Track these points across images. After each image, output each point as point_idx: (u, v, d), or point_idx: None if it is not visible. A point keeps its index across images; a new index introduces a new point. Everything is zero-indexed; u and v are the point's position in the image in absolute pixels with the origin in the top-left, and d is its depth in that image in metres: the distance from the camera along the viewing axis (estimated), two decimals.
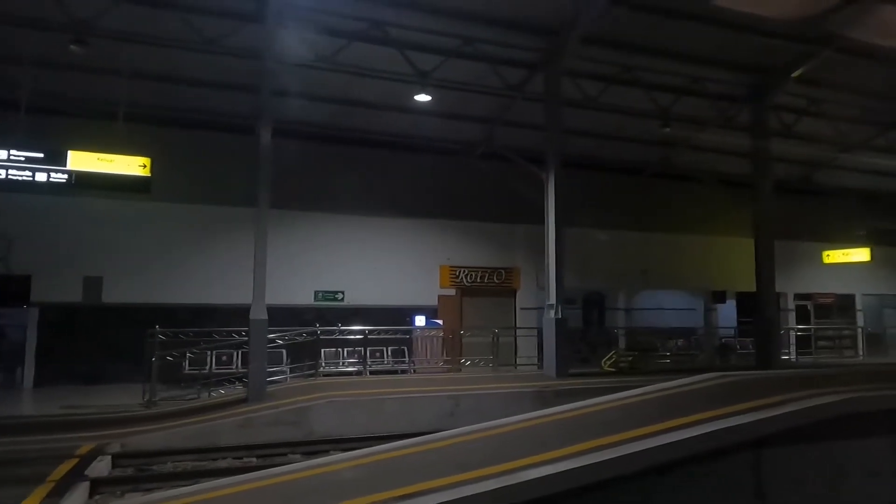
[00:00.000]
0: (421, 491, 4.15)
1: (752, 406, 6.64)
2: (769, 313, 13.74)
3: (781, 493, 6.69)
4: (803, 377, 9.59)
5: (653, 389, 8.01)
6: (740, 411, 6.46)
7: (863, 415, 6.84)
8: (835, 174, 19.34)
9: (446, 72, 11.74)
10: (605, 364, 12.88)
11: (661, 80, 13.33)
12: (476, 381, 10.92)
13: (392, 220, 15.40)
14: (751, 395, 7.11)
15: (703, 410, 6.68)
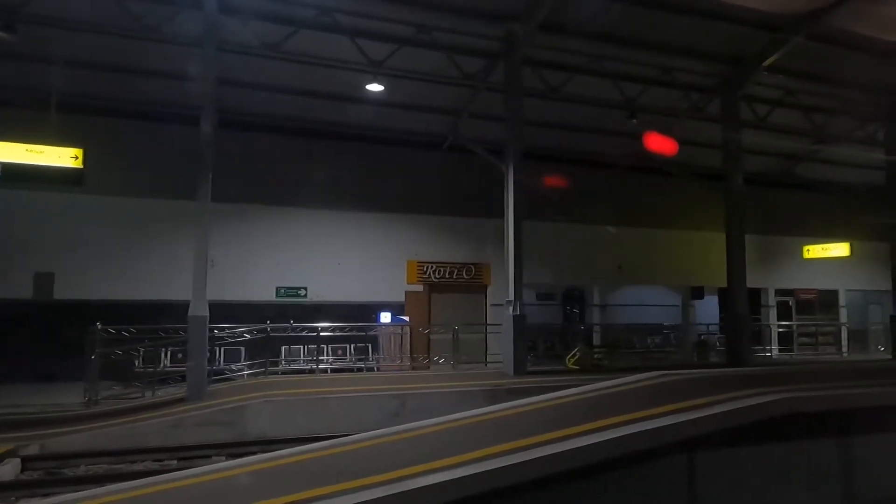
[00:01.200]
0: (303, 500, 3.92)
1: (688, 406, 6.32)
2: (740, 309, 13.40)
3: (717, 497, 6.36)
4: (748, 376, 9.25)
5: (590, 389, 7.70)
6: (674, 411, 6.14)
7: (801, 415, 6.52)
8: (817, 167, 18.97)
9: (401, 61, 11.39)
10: (570, 362, 12.55)
11: (628, 69, 12.95)
12: (429, 380, 10.61)
13: (358, 215, 15.07)
14: (689, 395, 6.79)
15: (636, 410, 6.36)
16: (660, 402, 6.57)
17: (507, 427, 6.18)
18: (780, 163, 18.95)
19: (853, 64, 13.97)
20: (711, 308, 21.26)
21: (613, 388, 7.62)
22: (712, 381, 8.10)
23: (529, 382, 10.28)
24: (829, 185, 19.43)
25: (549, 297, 20.31)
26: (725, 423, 5.95)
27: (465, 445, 5.08)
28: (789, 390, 7.08)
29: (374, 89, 11.61)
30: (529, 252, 16.90)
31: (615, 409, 6.51)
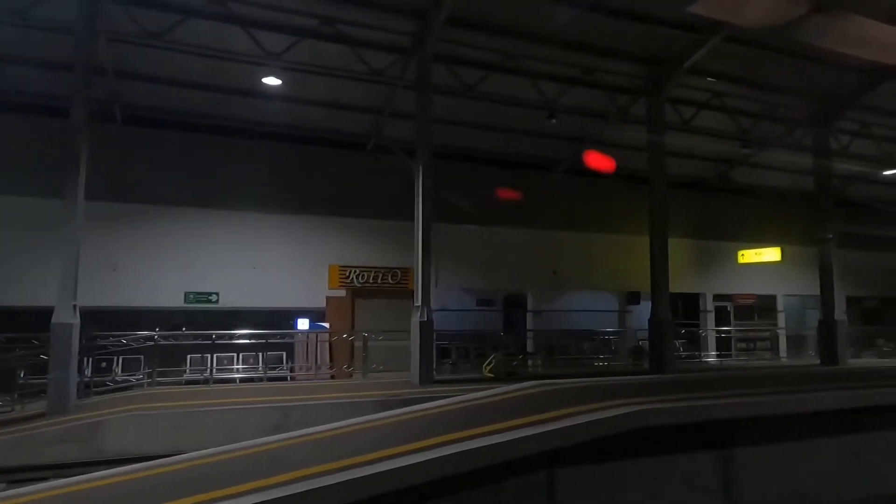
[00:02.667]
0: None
1: (548, 417, 5.88)
2: (662, 315, 13.12)
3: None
4: (643, 384, 8.92)
5: (466, 399, 7.25)
6: (532, 423, 5.69)
7: (672, 428, 6.14)
8: (752, 172, 18.93)
9: (305, 55, 10.85)
10: (486, 370, 12.10)
11: (548, 69, 12.61)
12: (322, 391, 10.05)
13: (276, 217, 14.43)
14: (558, 406, 6.35)
15: (502, 421, 5.91)
16: (525, 414, 6.13)
17: (345, 442, 5.67)
18: (717, 167, 18.89)
19: (780, 67, 13.91)
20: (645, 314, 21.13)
21: (488, 399, 7.17)
22: (594, 391, 7.71)
23: (429, 392, 9.78)
24: (765, 190, 19.45)
25: (489, 302, 19.90)
26: (585, 436, 5.52)
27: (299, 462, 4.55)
28: (662, 401, 6.71)
29: (271, 83, 11.04)
30: (462, 257, 16.61)
31: (483, 421, 6.06)
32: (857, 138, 16.71)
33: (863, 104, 15.51)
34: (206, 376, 11.67)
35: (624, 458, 6.03)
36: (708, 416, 6.43)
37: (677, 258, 19.50)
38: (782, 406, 6.73)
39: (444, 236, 16.21)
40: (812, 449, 7.24)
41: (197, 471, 4.72)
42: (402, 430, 6.09)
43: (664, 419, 5.79)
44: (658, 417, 5.69)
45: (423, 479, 4.67)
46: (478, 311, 19.19)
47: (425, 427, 6.20)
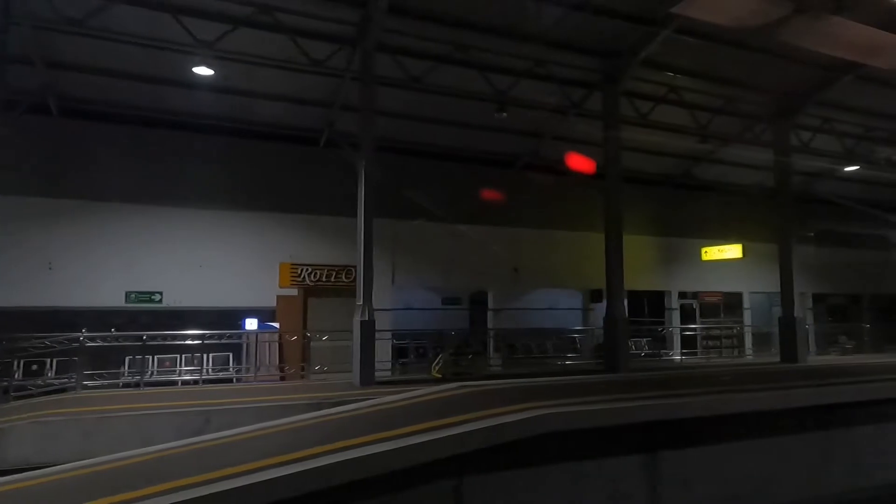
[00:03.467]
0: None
1: (459, 420, 5.56)
2: (616, 313, 12.87)
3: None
4: (577, 385, 8.67)
5: (375, 403, 6.92)
6: (438, 427, 5.37)
7: (575, 433, 5.83)
8: (715, 168, 18.78)
9: (240, 44, 10.43)
10: (434, 370, 11.77)
11: (498, 61, 12.29)
12: (252, 393, 9.66)
13: (224, 213, 13.98)
14: (468, 409, 6.03)
15: (405, 426, 5.58)
16: (435, 418, 5.80)
17: (232, 450, 5.32)
18: (682, 164, 18.73)
19: (739, 62, 13.70)
20: None
21: (405, 402, 6.85)
22: (524, 392, 7.42)
23: (366, 394, 9.40)
24: (731, 186, 19.34)
25: (454, 300, 19.58)
26: (472, 444, 5.16)
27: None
28: (588, 402, 6.42)
29: (203, 73, 10.59)
30: (420, 254, 16.26)
31: (389, 426, 5.73)
32: (819, 134, 16.61)
33: (824, 100, 15.39)
34: (138, 380, 11.20)
35: (540, 464, 5.74)
36: (630, 418, 6.15)
37: (642, 256, 19.37)
38: (708, 407, 6.46)
39: (402, 233, 15.93)
40: (743, 450, 7.00)
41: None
42: (303, 436, 5.75)
43: (577, 422, 5.49)
44: (567, 421, 5.38)
45: (299, 491, 4.33)
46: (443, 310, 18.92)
47: (331, 432, 5.87)
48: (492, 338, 16.69)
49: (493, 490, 5.44)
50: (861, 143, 17.45)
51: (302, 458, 4.58)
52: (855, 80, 14.46)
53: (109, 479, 4.56)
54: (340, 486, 4.63)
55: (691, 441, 6.55)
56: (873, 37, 12.27)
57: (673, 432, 6.55)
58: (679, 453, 6.61)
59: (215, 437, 6.44)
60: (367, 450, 4.80)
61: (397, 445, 4.83)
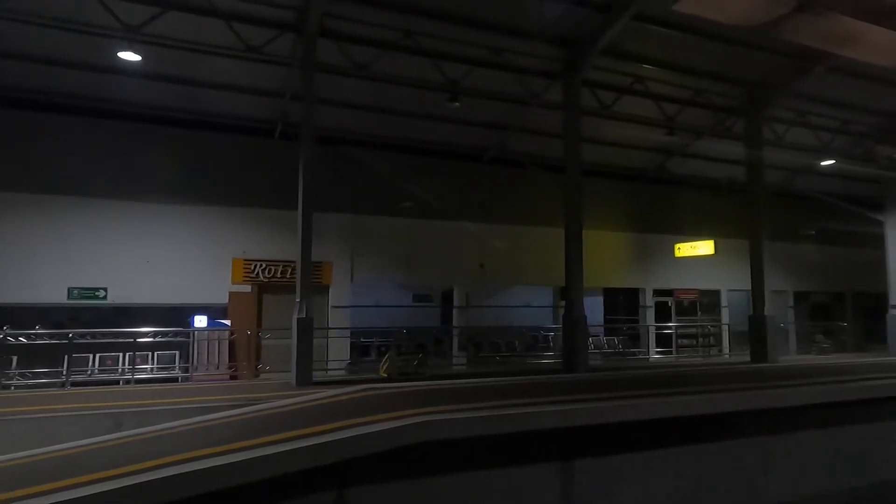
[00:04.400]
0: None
1: (339, 427, 5.12)
2: (576, 311, 12.40)
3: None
4: (497, 387, 8.23)
5: (269, 407, 6.49)
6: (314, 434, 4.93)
7: (483, 439, 5.40)
8: (690, 163, 18.28)
9: (174, 28, 9.97)
10: (381, 370, 11.33)
11: (450, 49, 11.81)
12: (179, 394, 9.21)
13: (173, 207, 13.55)
14: (355, 414, 5.59)
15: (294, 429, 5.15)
16: (318, 423, 5.37)
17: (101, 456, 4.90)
18: (656, 158, 18.25)
19: (706, 52, 13.24)
20: (596, 308, 20.50)
21: (301, 405, 6.42)
22: (445, 394, 6.99)
23: (294, 394, 8.98)
24: (707, 181, 18.88)
25: (425, 297, 19.16)
26: (329, 455, 4.69)
27: None
28: (492, 407, 5.99)
29: (129, 58, 10.12)
30: (381, 250, 15.81)
31: (279, 428, 5.31)
32: (795, 128, 16.13)
33: (798, 91, 14.92)
34: (64, 379, 10.77)
35: (436, 474, 5.30)
36: (536, 424, 5.70)
37: (615, 252, 18.95)
38: (624, 412, 6.02)
39: (363, 229, 15.50)
40: (672, 458, 6.56)
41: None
42: (190, 439, 5.34)
43: (461, 430, 5.04)
44: (456, 428, 4.94)
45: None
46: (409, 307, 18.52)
47: (220, 436, 5.44)
48: (456, 336, 16.26)
49: (375, 495, 5.00)
50: (837, 136, 16.95)
51: (167, 463, 4.16)
52: (829, 73, 14.00)
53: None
54: (202, 495, 4.23)
55: (613, 448, 6.11)
56: (874, 34, 12.03)
57: (591, 439, 6.11)
58: (597, 461, 6.17)
59: (102, 440, 6.07)
60: (230, 458, 4.38)
61: (247, 456, 4.39)
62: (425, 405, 5.76)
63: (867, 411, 7.84)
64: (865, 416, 7.86)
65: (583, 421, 5.88)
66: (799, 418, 7.25)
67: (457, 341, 16.22)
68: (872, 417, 7.82)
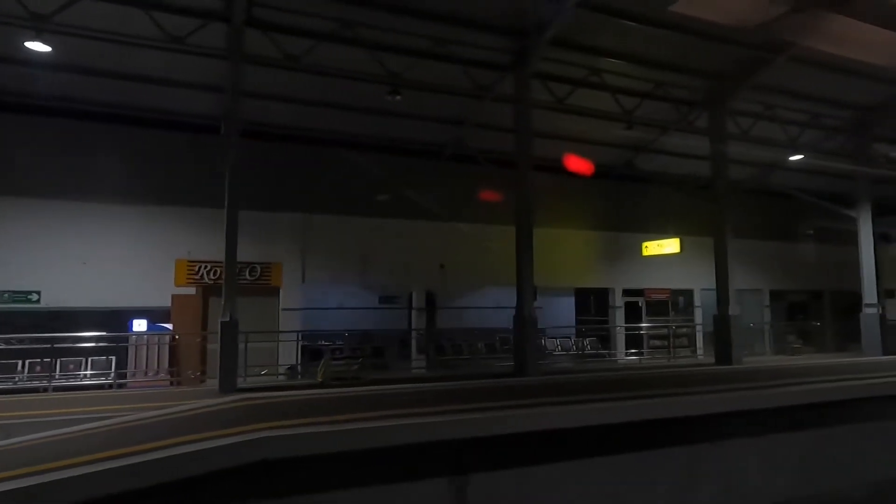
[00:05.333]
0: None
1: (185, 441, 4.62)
2: (527, 312, 11.94)
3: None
4: (428, 393, 7.77)
5: (132, 419, 6.00)
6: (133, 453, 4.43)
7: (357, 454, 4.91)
8: (663, 160, 17.80)
9: (85, 17, 9.49)
10: (319, 375, 10.85)
11: (390, 39, 11.34)
12: (90, 402, 8.72)
13: (112, 207, 13.05)
14: (216, 427, 5.10)
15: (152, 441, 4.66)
16: (162, 437, 4.88)
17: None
18: (622, 154, 17.76)
19: (663, 43, 12.80)
20: (568, 309, 20.03)
21: (156, 418, 5.94)
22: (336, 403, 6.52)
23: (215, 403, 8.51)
24: (678, 178, 18.39)
25: (392, 299, 18.65)
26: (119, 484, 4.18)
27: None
28: (408, 415, 5.52)
29: (37, 49, 9.62)
30: (335, 250, 15.31)
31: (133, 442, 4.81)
32: (763, 121, 15.68)
33: (765, 84, 14.48)
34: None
35: (281, 496, 4.77)
36: (384, 441, 5.19)
37: (585, 251, 18.48)
38: (517, 423, 5.54)
39: (315, 228, 15.01)
40: (590, 468, 6.08)
41: None
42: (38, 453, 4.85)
43: (324, 446, 4.55)
44: (299, 445, 4.44)
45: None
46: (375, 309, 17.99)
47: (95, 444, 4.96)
48: (414, 338, 15.79)
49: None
50: (807, 131, 16.50)
51: None
52: (799, 66, 13.60)
53: None
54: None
55: (506, 462, 5.63)
56: (871, 34, 11.81)
57: (485, 452, 5.63)
58: (493, 476, 5.69)
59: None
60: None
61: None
62: (291, 418, 5.28)
63: (807, 416, 7.38)
64: (805, 421, 7.39)
65: (467, 433, 5.40)
66: (726, 426, 6.78)
67: (416, 344, 15.74)
68: (811, 423, 7.35)
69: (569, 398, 7.14)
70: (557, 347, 17.43)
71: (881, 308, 16.47)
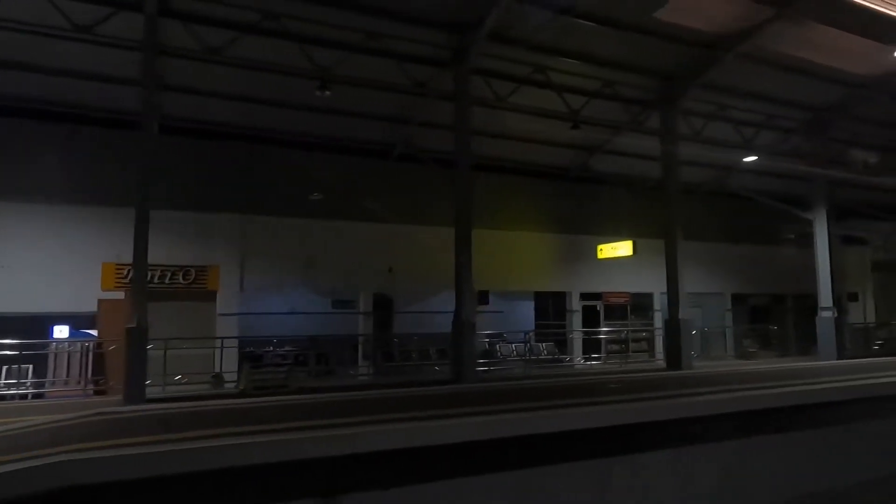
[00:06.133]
0: None
1: None
2: (464, 316, 11.49)
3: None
4: (331, 403, 7.28)
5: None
6: None
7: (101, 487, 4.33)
8: (618, 161, 17.49)
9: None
10: (241, 383, 10.31)
11: (319, 32, 10.87)
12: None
13: (33, 207, 12.41)
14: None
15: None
16: None
17: None
18: (577, 155, 17.43)
19: (613, 42, 12.48)
20: (528, 313, 19.64)
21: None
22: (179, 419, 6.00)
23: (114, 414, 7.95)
24: (635, 180, 18.10)
25: (346, 303, 18.10)
26: None
27: None
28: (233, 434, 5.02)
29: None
30: (277, 253, 14.73)
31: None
32: (717, 122, 15.43)
33: (717, 84, 14.23)
34: None
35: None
36: (267, 456, 4.71)
37: (541, 254, 18.09)
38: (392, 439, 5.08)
39: (255, 230, 14.46)
40: (460, 492, 5.61)
41: None
42: None
43: (137, 470, 4.02)
44: (103, 470, 3.89)
45: None
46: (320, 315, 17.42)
47: None
48: (360, 344, 15.29)
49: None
50: (763, 132, 16.29)
51: None
52: (751, 65, 13.38)
53: None
54: None
55: (376, 483, 5.15)
56: (852, 42, 11.82)
57: (356, 471, 5.14)
58: (366, 496, 5.20)
59: None
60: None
61: None
62: (148, 434, 4.77)
63: (727, 427, 6.99)
64: (725, 433, 7.00)
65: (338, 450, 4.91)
66: (636, 438, 6.36)
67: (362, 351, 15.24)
68: (731, 435, 6.96)
69: (482, 408, 6.70)
70: (513, 352, 17.01)
71: (836, 312, 16.25)
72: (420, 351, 16.10)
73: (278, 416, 6.34)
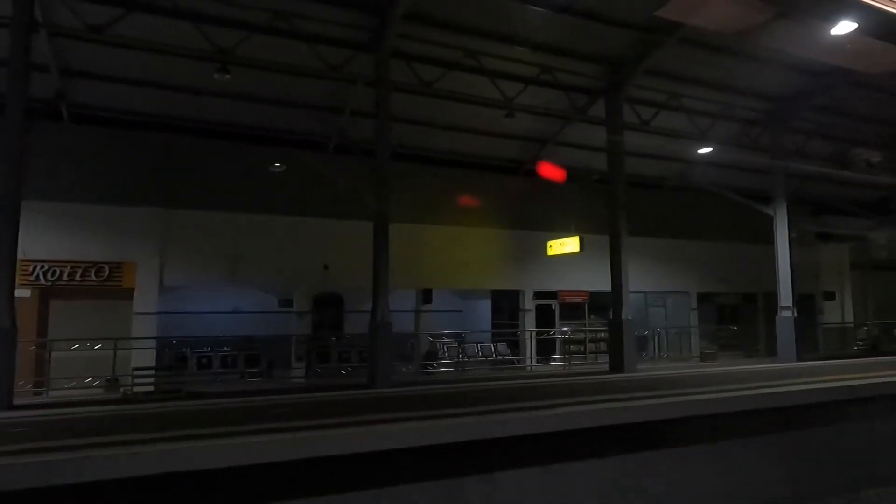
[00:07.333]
0: None
1: None
2: (380, 316, 10.75)
3: None
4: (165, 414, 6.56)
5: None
6: None
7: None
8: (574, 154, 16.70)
9: None
10: (130, 389, 9.60)
11: (216, 11, 10.12)
12: None
13: None
14: None
15: None
16: None
17: None
18: (526, 147, 16.65)
19: (552, 25, 11.72)
20: (484, 313, 18.93)
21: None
22: None
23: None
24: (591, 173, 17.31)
25: (290, 303, 17.36)
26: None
27: None
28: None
29: None
30: (201, 249, 13.96)
31: None
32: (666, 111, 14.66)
33: (668, 72, 13.50)
34: None
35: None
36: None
37: (494, 252, 17.31)
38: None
39: (178, 225, 13.71)
40: None
41: None
42: None
43: None
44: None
45: None
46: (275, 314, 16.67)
47: None
48: (293, 344, 14.54)
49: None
50: (720, 123, 15.52)
51: None
52: (704, 53, 12.66)
53: None
54: None
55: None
56: (854, 42, 11.18)
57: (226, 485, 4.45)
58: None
59: None
60: None
61: None
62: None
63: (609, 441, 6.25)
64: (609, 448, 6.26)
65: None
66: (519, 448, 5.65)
67: (293, 350, 14.49)
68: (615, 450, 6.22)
69: (366, 418, 6.02)
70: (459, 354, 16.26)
71: (796, 311, 15.49)
72: (361, 351, 15.38)
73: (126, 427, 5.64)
